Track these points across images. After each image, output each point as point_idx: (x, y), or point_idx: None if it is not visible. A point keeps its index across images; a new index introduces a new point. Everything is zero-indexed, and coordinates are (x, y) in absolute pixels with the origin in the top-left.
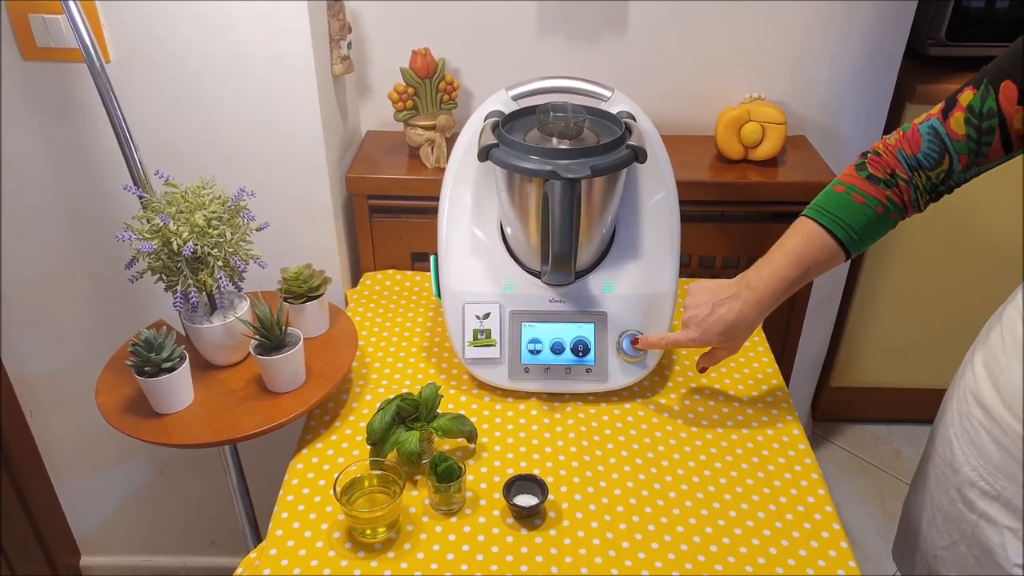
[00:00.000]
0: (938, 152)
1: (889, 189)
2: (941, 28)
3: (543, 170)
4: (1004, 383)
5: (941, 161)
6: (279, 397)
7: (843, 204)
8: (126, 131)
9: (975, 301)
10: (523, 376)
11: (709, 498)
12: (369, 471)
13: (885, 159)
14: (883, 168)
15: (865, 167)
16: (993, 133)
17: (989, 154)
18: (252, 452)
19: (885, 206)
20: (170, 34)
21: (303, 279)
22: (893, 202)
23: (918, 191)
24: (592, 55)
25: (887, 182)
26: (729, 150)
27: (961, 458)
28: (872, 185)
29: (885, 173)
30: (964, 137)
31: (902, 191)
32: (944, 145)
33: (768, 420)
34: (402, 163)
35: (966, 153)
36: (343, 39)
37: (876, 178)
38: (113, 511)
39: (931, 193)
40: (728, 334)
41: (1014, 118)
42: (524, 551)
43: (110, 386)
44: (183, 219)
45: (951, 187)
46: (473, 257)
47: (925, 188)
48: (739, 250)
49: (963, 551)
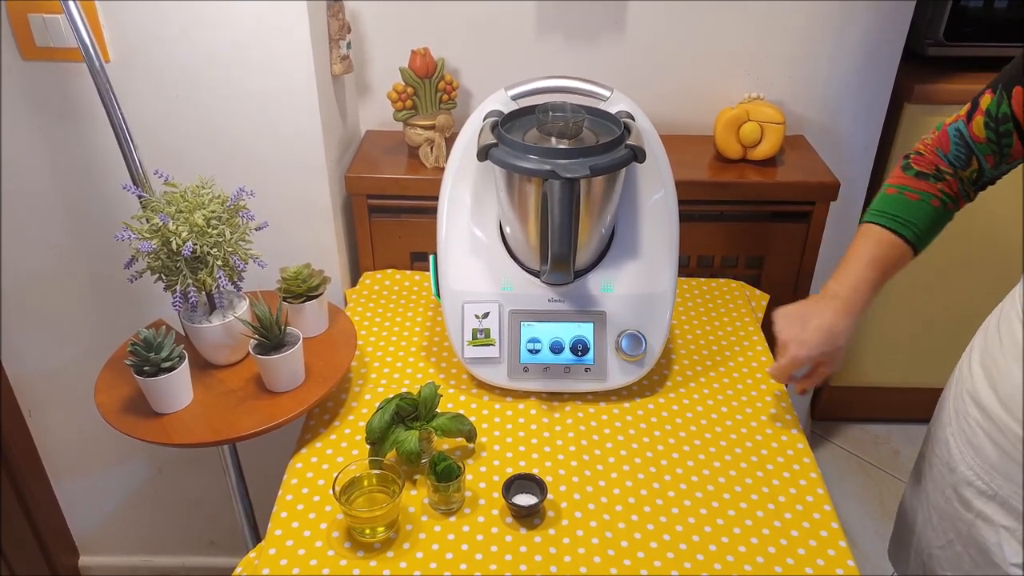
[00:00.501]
0: (964, 154)
1: (939, 183)
2: (939, 28)
3: (542, 170)
4: (1001, 383)
5: (969, 162)
6: (278, 397)
7: (899, 204)
8: (125, 131)
9: (974, 301)
10: (522, 375)
11: (708, 497)
12: (368, 470)
13: (927, 157)
14: (927, 164)
15: (911, 167)
16: (1011, 136)
17: (1012, 154)
18: (251, 452)
19: (939, 198)
20: (169, 34)
21: (302, 279)
22: (946, 193)
23: (962, 184)
24: (591, 55)
25: (935, 176)
26: (728, 150)
27: (958, 457)
28: (922, 181)
29: (931, 168)
30: (985, 140)
31: (950, 183)
32: (969, 148)
33: (767, 419)
34: (401, 163)
35: (990, 154)
36: (342, 39)
37: (924, 174)
38: (112, 511)
39: (975, 185)
40: (828, 343)
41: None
42: (523, 550)
43: (109, 386)
44: (182, 219)
45: (991, 180)
46: (472, 257)
47: (966, 181)
48: (738, 249)
49: (959, 550)
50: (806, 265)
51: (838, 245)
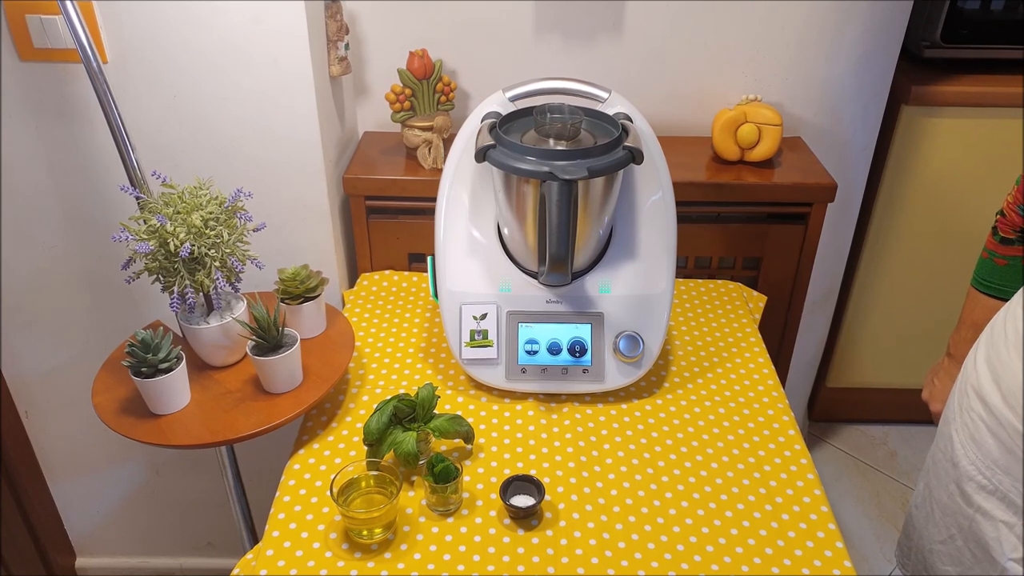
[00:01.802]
0: None
1: (1022, 244)
2: (936, 30)
3: (540, 171)
4: (1004, 377)
5: None
6: (276, 398)
7: (993, 270)
8: (123, 132)
9: None
10: (520, 377)
11: (705, 499)
12: (366, 472)
13: (1010, 218)
14: (1011, 227)
15: (997, 231)
16: None
17: None
18: (249, 453)
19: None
20: (167, 35)
21: (300, 280)
22: None
23: None
24: (589, 56)
25: (1019, 239)
26: (725, 151)
27: (961, 452)
28: (1007, 247)
29: (1014, 232)
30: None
31: None
32: None
33: (764, 421)
34: (399, 164)
35: None
36: (340, 40)
37: (1009, 240)
38: (109, 512)
39: None
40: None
41: None
42: (521, 551)
43: (106, 387)
44: (180, 220)
45: None
46: (470, 258)
47: None
48: (735, 251)
49: (959, 545)
50: (803, 266)
51: (835, 246)
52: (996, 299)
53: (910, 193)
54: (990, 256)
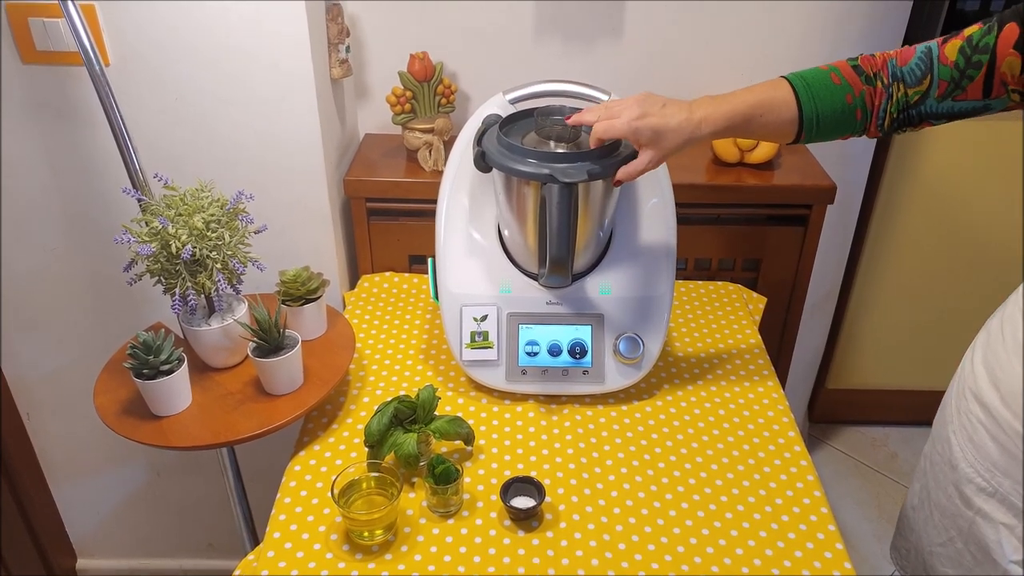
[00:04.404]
0: (922, 71)
1: (867, 85)
2: (936, 31)
3: (540, 174)
4: (1003, 380)
5: (922, 80)
6: (277, 399)
7: (820, 79)
8: (125, 134)
9: (972, 303)
10: (520, 378)
11: (705, 500)
12: (367, 473)
13: (876, 60)
14: (871, 66)
15: (856, 59)
16: (979, 69)
17: (967, 90)
18: (250, 454)
19: (855, 98)
20: (169, 37)
21: (301, 281)
22: (864, 100)
23: (890, 102)
24: (589, 59)
25: (868, 79)
26: (725, 153)
27: (959, 455)
28: (854, 74)
29: (871, 70)
30: (952, 64)
31: (877, 94)
32: (930, 66)
33: (764, 422)
34: (400, 166)
35: (947, 80)
36: (341, 43)
37: (861, 70)
38: (110, 513)
39: (900, 112)
40: (659, 132)
41: (1004, 60)
42: (521, 553)
43: (108, 388)
44: (182, 222)
45: (920, 116)
46: (470, 259)
47: (898, 103)
48: (735, 252)
49: (960, 547)
50: (803, 268)
51: (835, 248)
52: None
53: (909, 195)
54: (829, 70)
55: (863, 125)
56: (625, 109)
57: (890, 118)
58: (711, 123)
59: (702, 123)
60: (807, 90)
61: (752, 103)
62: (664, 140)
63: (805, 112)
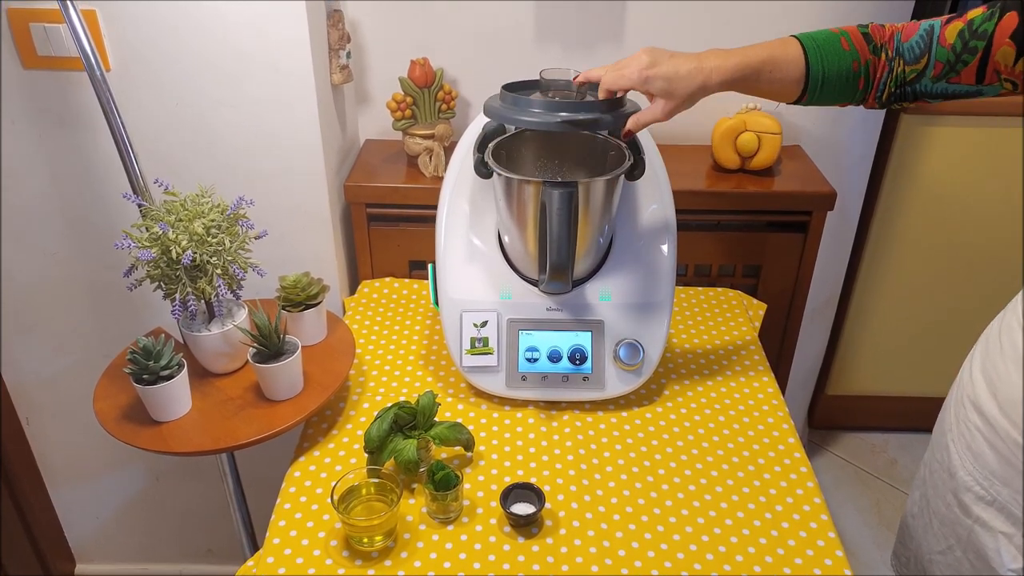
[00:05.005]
0: (920, 50)
1: (873, 55)
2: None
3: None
4: (1001, 389)
5: (920, 59)
6: (277, 405)
7: (831, 42)
8: (126, 139)
9: (971, 309)
10: (520, 384)
11: (705, 507)
12: (366, 479)
13: (884, 32)
14: (880, 36)
15: (866, 27)
16: (974, 54)
17: (961, 75)
18: (249, 460)
19: (861, 66)
20: (170, 43)
21: (301, 287)
22: (868, 69)
23: (890, 76)
24: (589, 65)
25: (875, 48)
26: (725, 160)
27: (958, 463)
28: (863, 42)
29: (879, 40)
30: (949, 47)
31: (880, 66)
32: (929, 46)
33: (764, 428)
34: (400, 172)
35: (943, 62)
36: (342, 48)
37: (870, 38)
38: (109, 519)
39: (897, 87)
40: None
41: (999, 49)
42: (521, 559)
43: (108, 393)
44: (182, 227)
45: (914, 94)
46: (471, 265)
47: (896, 77)
48: (735, 259)
49: (959, 555)
50: (803, 274)
51: (834, 254)
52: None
53: (909, 201)
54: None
55: (863, 95)
56: (633, 60)
57: (888, 91)
58: (721, 72)
59: (713, 72)
60: (816, 51)
61: (763, 58)
62: (677, 88)
63: (812, 73)
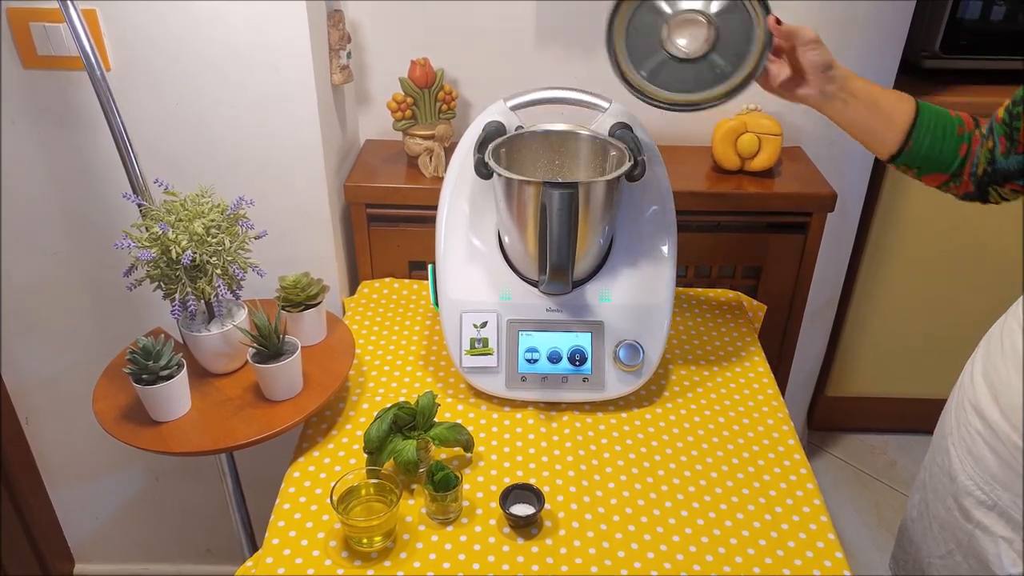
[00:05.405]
0: (990, 131)
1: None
2: (936, 41)
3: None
4: (1002, 393)
5: (989, 138)
6: (276, 405)
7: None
8: (126, 139)
9: (972, 311)
10: (520, 385)
11: (705, 508)
12: (366, 480)
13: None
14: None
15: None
16: (1020, 119)
17: (1020, 140)
18: (249, 460)
19: (966, 131)
20: (170, 43)
21: (301, 287)
22: (971, 139)
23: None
24: (590, 66)
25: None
26: (725, 161)
27: (958, 467)
28: (970, 118)
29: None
30: (1000, 120)
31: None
32: (992, 127)
33: (764, 430)
34: (400, 172)
35: (1003, 135)
36: (342, 48)
37: (975, 118)
38: (108, 519)
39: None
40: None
41: None
42: (520, 560)
43: (107, 393)
44: (182, 227)
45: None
46: (471, 266)
47: (987, 153)
48: (735, 260)
49: (958, 560)
50: (803, 275)
51: (834, 256)
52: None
53: (909, 203)
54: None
55: (961, 165)
56: None
57: (982, 167)
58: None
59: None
60: (927, 106)
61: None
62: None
63: (919, 115)
